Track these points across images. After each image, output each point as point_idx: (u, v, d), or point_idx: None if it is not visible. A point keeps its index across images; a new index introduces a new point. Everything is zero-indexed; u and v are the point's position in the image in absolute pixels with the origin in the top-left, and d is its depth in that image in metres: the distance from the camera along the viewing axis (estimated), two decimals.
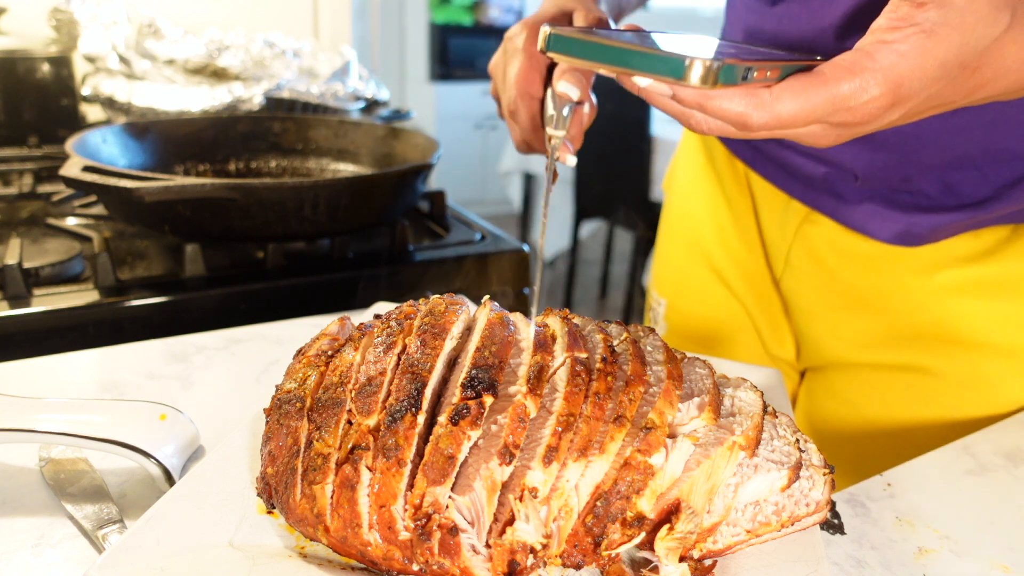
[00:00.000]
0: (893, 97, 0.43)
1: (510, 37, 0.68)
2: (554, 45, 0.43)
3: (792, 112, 0.42)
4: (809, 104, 0.42)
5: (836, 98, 0.42)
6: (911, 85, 0.42)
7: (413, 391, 0.45)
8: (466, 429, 0.43)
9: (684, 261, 0.95)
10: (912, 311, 0.74)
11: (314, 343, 0.54)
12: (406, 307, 0.54)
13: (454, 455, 0.43)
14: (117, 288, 0.85)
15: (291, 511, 0.45)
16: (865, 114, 0.43)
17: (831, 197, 0.76)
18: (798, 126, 0.44)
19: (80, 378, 0.70)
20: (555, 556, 0.43)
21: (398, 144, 1.18)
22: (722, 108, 0.43)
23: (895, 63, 0.42)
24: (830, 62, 0.43)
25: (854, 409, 0.80)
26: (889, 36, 0.42)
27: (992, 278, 0.70)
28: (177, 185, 0.81)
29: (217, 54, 1.42)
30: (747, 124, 0.43)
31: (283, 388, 0.50)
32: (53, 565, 0.47)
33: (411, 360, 0.47)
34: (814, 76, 0.43)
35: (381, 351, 0.49)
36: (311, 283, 0.92)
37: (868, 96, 0.42)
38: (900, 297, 0.74)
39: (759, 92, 0.42)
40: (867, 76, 0.42)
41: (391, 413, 0.44)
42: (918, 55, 0.42)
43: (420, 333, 0.49)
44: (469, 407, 0.44)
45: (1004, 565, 0.50)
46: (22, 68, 1.35)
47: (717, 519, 0.45)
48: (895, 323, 0.75)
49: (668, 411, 0.46)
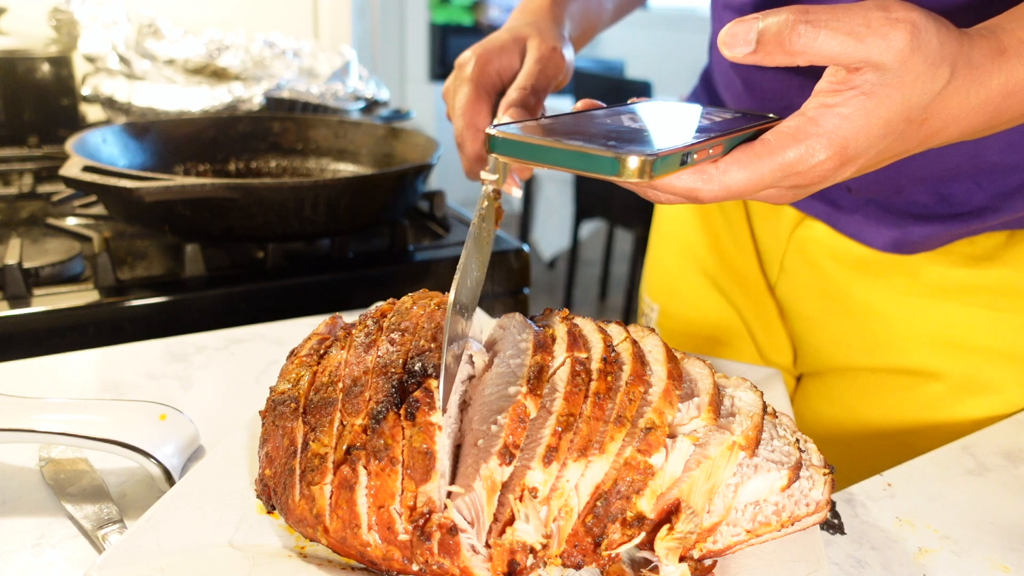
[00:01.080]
0: (840, 159, 0.43)
1: (460, 64, 0.68)
2: (497, 147, 0.43)
3: (741, 183, 0.43)
4: (757, 174, 0.42)
5: (783, 165, 0.42)
6: (857, 145, 0.42)
7: (390, 389, 0.45)
8: (427, 419, 0.43)
9: (677, 266, 0.95)
10: (910, 316, 0.74)
11: (305, 343, 0.54)
12: (384, 305, 0.54)
13: (430, 449, 0.43)
14: (117, 288, 0.85)
15: (290, 512, 0.45)
16: (815, 176, 0.43)
17: (825, 204, 0.76)
18: (749, 194, 0.44)
19: (80, 378, 0.70)
20: (555, 556, 0.43)
21: (398, 144, 1.18)
22: (671, 186, 0.43)
23: (838, 126, 0.42)
24: (774, 130, 0.43)
25: (851, 413, 0.80)
26: (831, 100, 0.42)
27: (990, 284, 0.70)
28: (177, 185, 0.81)
29: (217, 54, 1.42)
30: (697, 198, 0.43)
31: (277, 389, 0.50)
32: (53, 565, 0.47)
33: (384, 360, 0.48)
34: (760, 145, 0.43)
35: (362, 351, 0.49)
36: (311, 283, 0.92)
37: (815, 160, 0.42)
38: (898, 302, 0.74)
39: (706, 168, 0.43)
40: (812, 141, 0.42)
41: (373, 415, 0.45)
42: (861, 116, 0.42)
43: (389, 332, 0.50)
44: (417, 399, 0.44)
45: (1004, 565, 0.50)
46: (22, 68, 1.35)
47: (717, 519, 0.45)
48: (893, 328, 0.75)
49: (668, 411, 0.46)
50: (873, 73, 0.41)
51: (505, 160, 0.44)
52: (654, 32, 4.95)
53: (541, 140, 0.42)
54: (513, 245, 1.03)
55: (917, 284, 0.73)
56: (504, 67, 0.68)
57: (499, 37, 0.69)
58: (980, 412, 0.72)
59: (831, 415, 0.82)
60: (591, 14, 0.82)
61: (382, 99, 1.54)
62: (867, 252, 0.75)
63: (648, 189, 0.44)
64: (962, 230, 0.69)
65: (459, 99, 0.66)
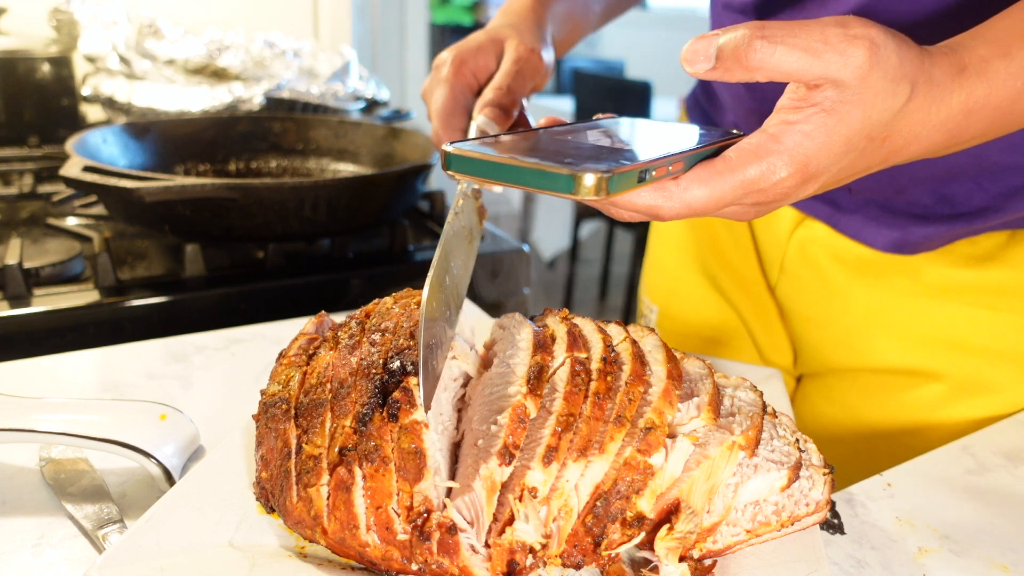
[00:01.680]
0: (802, 176, 0.43)
1: (437, 66, 0.68)
2: (453, 165, 0.43)
3: (702, 200, 0.42)
4: (718, 191, 0.42)
5: (744, 183, 0.42)
6: (819, 162, 0.42)
7: (373, 390, 0.45)
8: (410, 418, 0.43)
9: (676, 267, 0.95)
10: (911, 316, 0.74)
11: (293, 343, 0.54)
12: (368, 306, 0.54)
13: (419, 447, 0.43)
14: (117, 288, 0.85)
15: (288, 514, 0.45)
16: (777, 193, 0.43)
17: (825, 204, 0.76)
18: (711, 211, 0.44)
19: (80, 378, 0.70)
20: (555, 556, 0.43)
21: (398, 144, 1.18)
22: (631, 203, 0.43)
23: (799, 143, 0.42)
24: (736, 147, 0.43)
25: (851, 413, 0.80)
26: (792, 116, 0.42)
27: (991, 284, 0.70)
28: (177, 185, 0.81)
29: (217, 54, 1.42)
30: (658, 215, 0.43)
31: (268, 391, 0.50)
32: (53, 565, 0.47)
33: (366, 361, 0.48)
34: (721, 163, 0.43)
35: (347, 352, 0.49)
36: (311, 283, 0.92)
37: (777, 177, 0.42)
38: (898, 303, 0.74)
39: (666, 185, 0.42)
40: (773, 159, 0.42)
41: (359, 417, 0.45)
42: (822, 134, 0.42)
43: (370, 333, 0.50)
44: (396, 399, 0.44)
45: (1004, 565, 0.50)
46: (22, 68, 1.35)
47: (717, 519, 0.45)
48: (894, 328, 0.75)
49: (668, 411, 0.46)
50: (833, 90, 0.41)
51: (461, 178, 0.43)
52: (654, 32, 4.95)
53: (496, 157, 0.41)
54: (513, 245, 1.03)
55: (917, 284, 0.73)
56: (480, 67, 0.68)
57: (476, 38, 0.69)
58: (980, 412, 0.72)
59: (831, 415, 0.82)
60: (577, 16, 0.82)
61: (382, 99, 1.55)
62: (867, 252, 0.75)
63: (608, 206, 0.44)
64: (963, 230, 0.69)
65: (435, 100, 0.66)
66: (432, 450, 0.43)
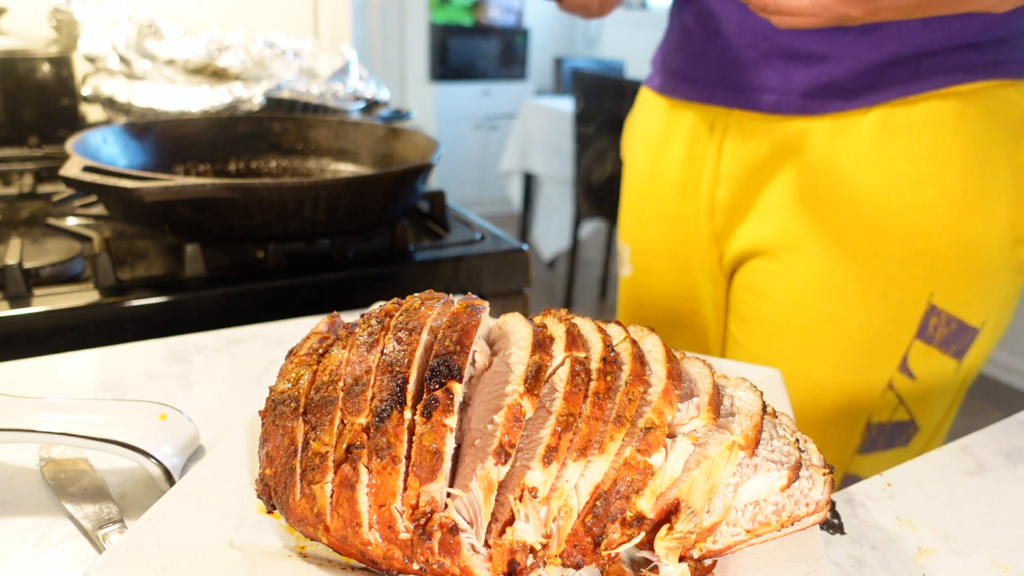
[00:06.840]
0: None
1: None
2: None
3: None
4: None
5: None
6: None
7: (395, 388, 0.45)
8: (442, 419, 0.43)
9: (639, 206, 1.09)
10: (819, 179, 0.85)
11: (305, 342, 0.54)
12: (389, 305, 0.54)
13: (439, 449, 0.43)
14: (117, 288, 0.85)
15: (291, 511, 0.45)
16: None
17: (743, 89, 0.88)
18: None
19: (80, 378, 0.70)
20: (555, 556, 0.43)
21: (398, 144, 1.18)
22: None
23: None
24: None
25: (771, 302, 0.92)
26: None
27: (896, 153, 0.81)
28: (177, 185, 0.81)
29: (217, 54, 1.42)
30: None
31: (277, 389, 0.50)
32: (53, 565, 0.47)
33: (389, 358, 0.48)
34: None
35: (364, 350, 0.49)
36: (311, 283, 0.92)
37: None
38: (810, 167, 0.85)
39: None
40: None
41: (377, 413, 0.45)
42: None
43: (396, 331, 0.50)
44: (437, 398, 0.44)
45: (1004, 565, 0.50)
46: (22, 68, 1.35)
47: (717, 519, 0.45)
48: (807, 192, 0.86)
49: (667, 411, 0.46)
50: None
51: None
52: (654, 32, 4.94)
53: None
54: (513, 245, 1.03)
55: (829, 148, 0.84)
56: None
57: None
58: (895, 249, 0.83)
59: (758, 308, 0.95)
60: None
61: (382, 99, 1.54)
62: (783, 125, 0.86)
63: None
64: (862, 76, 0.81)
65: None
66: (448, 455, 0.43)
